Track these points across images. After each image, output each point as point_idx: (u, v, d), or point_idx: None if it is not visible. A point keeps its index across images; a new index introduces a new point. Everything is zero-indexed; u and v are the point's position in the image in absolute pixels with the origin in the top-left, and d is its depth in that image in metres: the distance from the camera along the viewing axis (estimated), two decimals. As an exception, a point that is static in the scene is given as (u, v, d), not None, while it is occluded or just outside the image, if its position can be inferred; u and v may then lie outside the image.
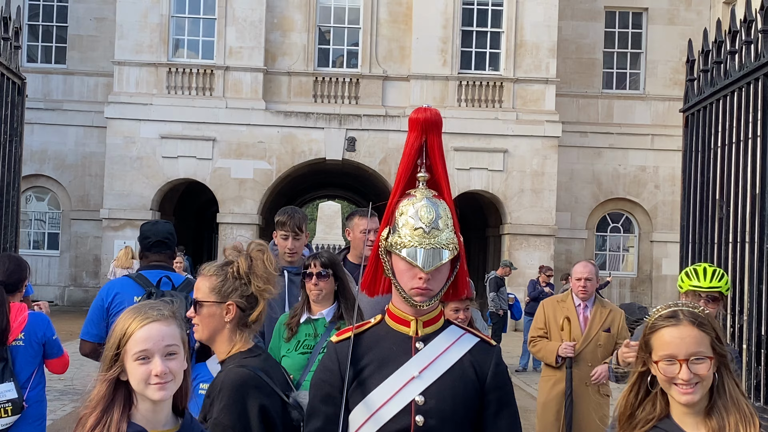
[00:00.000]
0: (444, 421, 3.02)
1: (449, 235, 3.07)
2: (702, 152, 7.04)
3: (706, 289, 5.19)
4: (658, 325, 2.80)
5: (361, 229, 6.57)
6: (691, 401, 2.73)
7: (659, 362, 2.76)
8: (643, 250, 29.60)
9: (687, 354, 2.72)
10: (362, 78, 27.25)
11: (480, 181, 26.84)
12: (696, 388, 2.72)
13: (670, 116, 27.91)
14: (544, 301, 8.07)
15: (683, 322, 2.76)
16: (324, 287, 5.50)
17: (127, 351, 2.72)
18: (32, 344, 6.11)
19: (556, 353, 7.41)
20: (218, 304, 3.52)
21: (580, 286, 7.50)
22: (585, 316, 7.53)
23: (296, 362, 5.49)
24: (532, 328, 7.96)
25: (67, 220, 28.98)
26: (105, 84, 28.16)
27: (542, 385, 7.73)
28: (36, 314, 6.28)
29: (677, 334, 2.75)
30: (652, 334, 2.81)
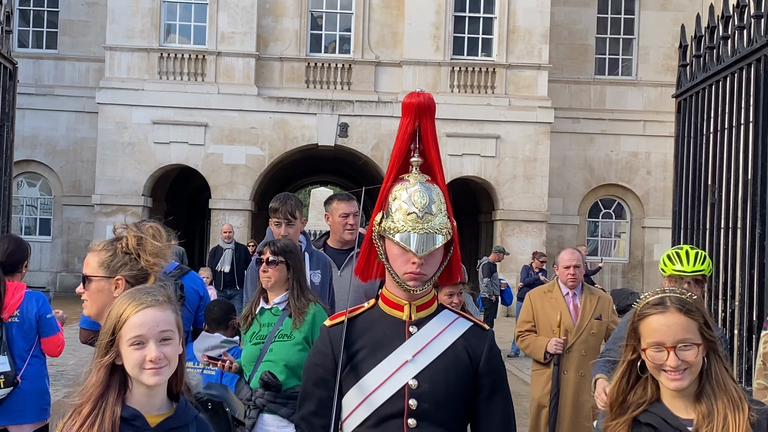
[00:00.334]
0: (437, 404, 3.03)
1: (442, 219, 3.07)
2: (694, 138, 7.04)
3: (690, 273, 5.19)
4: (645, 313, 2.81)
5: (340, 213, 6.54)
6: (679, 387, 2.75)
7: (647, 349, 2.78)
8: (635, 236, 29.66)
9: (674, 341, 2.73)
10: (355, 64, 27.19)
11: (472, 167, 26.84)
12: (684, 374, 2.73)
13: (662, 102, 27.94)
14: (530, 293, 7.74)
15: (670, 309, 2.77)
16: (273, 275, 5.42)
17: (122, 336, 2.73)
18: (27, 321, 6.27)
19: (544, 349, 7.19)
20: (107, 279, 3.47)
21: (569, 274, 7.29)
22: (575, 305, 7.32)
23: (248, 354, 5.44)
24: (519, 321, 7.72)
25: (59, 205, 28.91)
26: (96, 69, 28.05)
27: (536, 380, 7.48)
28: (32, 292, 6.43)
29: (664, 322, 2.76)
30: (640, 322, 2.82)
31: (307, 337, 5.27)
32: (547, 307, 7.33)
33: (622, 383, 2.89)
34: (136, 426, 2.75)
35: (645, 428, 2.82)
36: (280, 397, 5.22)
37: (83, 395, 2.76)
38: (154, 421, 2.79)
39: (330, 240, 6.73)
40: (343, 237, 6.60)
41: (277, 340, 5.33)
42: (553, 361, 7.18)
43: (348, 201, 6.69)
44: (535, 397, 7.37)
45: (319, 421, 3.07)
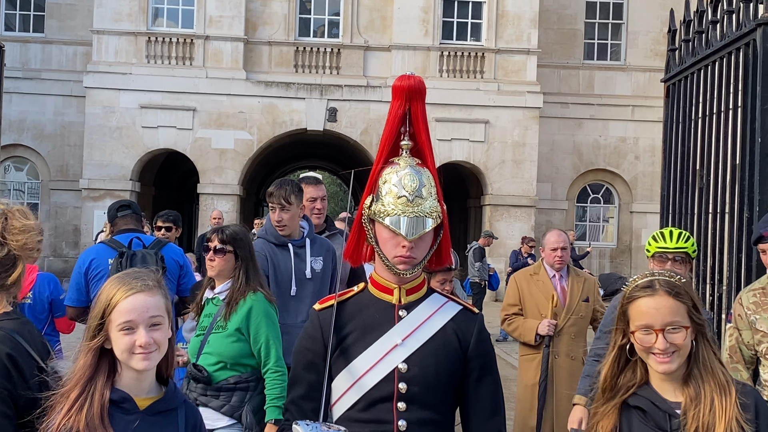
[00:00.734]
0: (427, 388, 3.03)
1: (433, 203, 3.07)
2: (683, 122, 7.05)
3: (673, 249, 5.19)
4: (634, 296, 2.82)
5: (308, 197, 6.43)
6: (668, 370, 2.75)
7: (636, 332, 2.78)
8: (623, 221, 29.74)
9: (663, 324, 2.74)
10: (343, 48, 27.12)
11: (461, 152, 26.84)
12: (673, 357, 2.74)
13: (650, 87, 27.96)
14: (515, 276, 7.49)
15: (659, 292, 2.78)
16: (219, 264, 5.18)
17: (112, 321, 2.73)
18: (39, 302, 6.66)
19: (535, 331, 6.99)
20: None
21: (557, 257, 7.09)
22: (562, 287, 7.13)
23: (192, 346, 5.31)
24: (504, 305, 7.45)
25: (47, 190, 28.80)
26: (84, 53, 27.90)
27: (526, 365, 7.25)
28: (44, 275, 6.83)
29: (653, 304, 2.76)
30: (629, 304, 2.83)
31: (241, 328, 5.07)
32: (534, 290, 7.16)
33: (612, 367, 2.89)
34: (125, 408, 2.76)
35: (634, 411, 2.83)
36: (210, 390, 5.08)
37: (71, 379, 2.75)
38: (143, 404, 2.79)
39: None
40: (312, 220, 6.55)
41: (214, 331, 5.15)
42: (545, 342, 6.99)
43: (315, 185, 6.61)
44: (527, 384, 7.15)
45: (308, 404, 3.07)
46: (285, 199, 5.96)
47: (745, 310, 4.82)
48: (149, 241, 6.62)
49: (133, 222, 6.72)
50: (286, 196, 5.96)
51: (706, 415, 2.70)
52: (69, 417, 2.68)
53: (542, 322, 6.95)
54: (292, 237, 6.08)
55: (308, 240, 6.11)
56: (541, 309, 7.06)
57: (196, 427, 2.93)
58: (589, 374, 5.84)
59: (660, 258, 5.22)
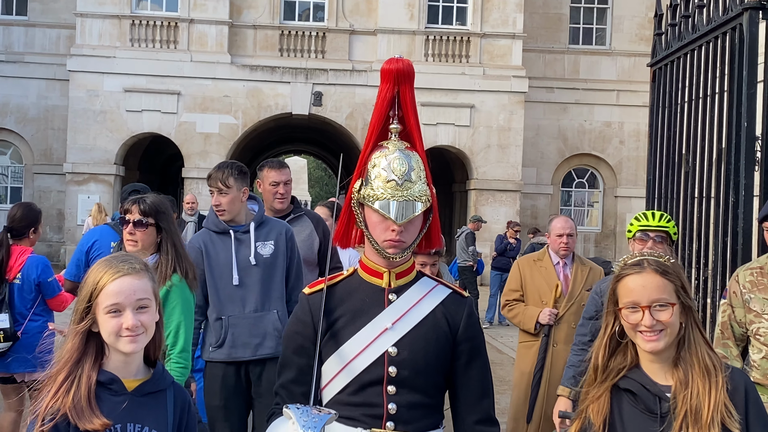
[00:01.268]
0: (417, 371, 3.04)
1: (422, 187, 3.07)
2: (669, 106, 7.06)
3: (654, 227, 5.20)
4: (623, 274, 2.82)
5: (270, 181, 6.37)
6: (655, 348, 2.75)
7: (623, 309, 2.79)
8: (608, 206, 29.85)
9: (649, 300, 2.74)
10: (329, 32, 27.04)
11: (447, 137, 26.84)
12: (660, 335, 2.73)
13: (635, 72, 28.02)
14: (519, 261, 7.29)
15: (647, 270, 2.78)
16: (141, 238, 4.73)
17: (99, 304, 2.74)
18: (27, 284, 6.92)
19: (535, 320, 6.81)
20: None
21: (562, 243, 6.88)
22: (565, 275, 6.94)
23: None
24: (506, 290, 7.24)
25: (30, 174, 28.65)
26: (67, 36, 27.73)
27: (524, 352, 7.05)
28: (35, 257, 7.03)
29: (640, 281, 2.77)
30: (618, 283, 2.83)
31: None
32: (536, 277, 6.97)
33: (602, 349, 2.89)
34: (112, 390, 2.77)
35: (624, 394, 2.83)
36: None
37: (59, 362, 2.76)
38: (131, 386, 2.81)
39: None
40: (273, 206, 6.43)
41: None
42: (543, 332, 6.83)
43: (279, 169, 6.48)
44: (524, 371, 6.99)
45: (298, 388, 3.07)
46: (223, 182, 5.62)
47: (741, 288, 4.84)
48: None
49: None
50: (224, 178, 5.62)
51: (695, 398, 2.69)
52: (56, 399, 2.69)
53: (543, 310, 6.80)
54: (237, 222, 5.71)
55: (252, 224, 5.72)
56: (543, 296, 6.90)
57: (185, 408, 2.94)
58: (573, 364, 5.81)
59: (641, 238, 5.24)
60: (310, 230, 6.60)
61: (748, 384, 2.80)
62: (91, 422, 2.68)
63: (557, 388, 6.32)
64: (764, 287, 4.77)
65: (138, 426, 2.78)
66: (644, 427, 2.77)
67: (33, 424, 2.70)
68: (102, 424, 2.69)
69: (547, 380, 6.81)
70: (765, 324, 4.73)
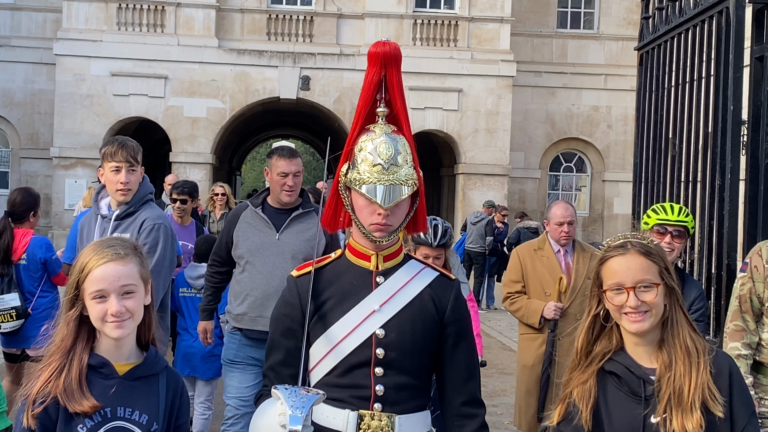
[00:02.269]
0: (404, 353, 3.06)
1: (408, 171, 3.08)
2: (656, 90, 7.07)
3: (674, 222, 5.19)
4: (607, 256, 2.84)
5: (279, 171, 5.86)
6: (640, 329, 2.75)
7: (608, 291, 2.80)
8: (595, 190, 29.91)
9: (634, 281, 2.75)
10: (316, 16, 26.96)
11: (435, 121, 26.83)
12: (645, 316, 2.74)
13: (623, 56, 28.03)
14: (518, 250, 6.96)
15: (631, 251, 2.79)
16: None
17: (85, 290, 2.75)
18: (33, 263, 7.36)
19: (540, 314, 6.52)
20: None
21: (563, 232, 6.60)
22: (566, 263, 6.67)
23: None
24: (506, 281, 6.97)
25: (17, 158, 28.52)
26: (54, 20, 27.55)
27: (526, 344, 6.78)
28: (38, 238, 7.49)
29: (624, 263, 2.78)
30: (602, 266, 2.85)
31: None
32: (537, 266, 6.68)
33: (587, 334, 2.90)
34: (103, 373, 2.78)
35: (609, 377, 2.84)
36: None
37: (53, 349, 2.78)
38: (123, 369, 2.81)
39: (270, 198, 6.04)
40: (280, 198, 5.94)
41: None
42: (548, 327, 6.54)
43: (290, 158, 5.92)
44: (526, 364, 6.71)
45: (286, 370, 3.09)
46: (133, 157, 5.23)
47: (764, 262, 4.83)
48: None
49: None
50: (134, 154, 5.24)
51: (678, 380, 2.71)
52: (48, 383, 2.70)
53: (548, 305, 6.50)
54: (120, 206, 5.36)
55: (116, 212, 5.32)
56: (545, 287, 6.63)
57: (177, 392, 2.94)
58: None
59: (659, 231, 5.23)
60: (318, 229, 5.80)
61: (732, 367, 2.81)
62: (80, 404, 2.69)
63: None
64: None
65: (129, 410, 2.78)
66: (629, 410, 2.78)
67: (23, 407, 2.71)
68: (91, 406, 2.70)
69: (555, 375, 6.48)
70: None
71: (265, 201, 6.03)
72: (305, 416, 2.68)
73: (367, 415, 3.02)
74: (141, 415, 2.79)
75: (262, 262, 5.83)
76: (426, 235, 5.22)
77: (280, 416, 2.72)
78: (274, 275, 5.70)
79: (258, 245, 5.87)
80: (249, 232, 5.92)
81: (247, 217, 6.00)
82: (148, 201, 5.44)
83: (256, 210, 5.97)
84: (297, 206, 6.00)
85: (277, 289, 5.24)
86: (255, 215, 5.97)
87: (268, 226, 5.89)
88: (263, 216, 5.93)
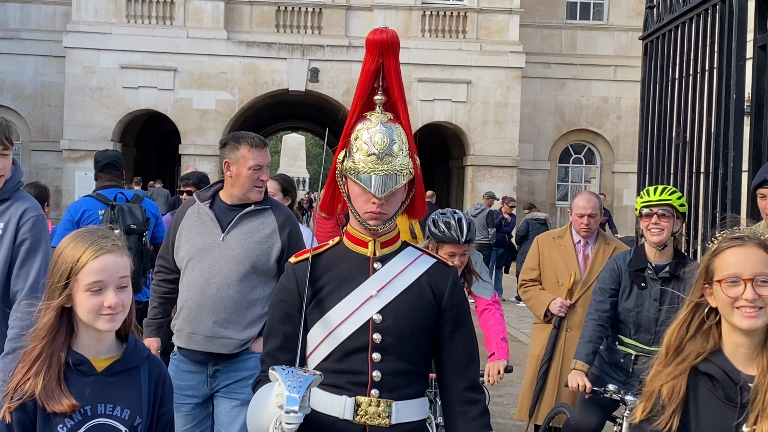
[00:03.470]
0: (401, 338, 3.07)
1: (404, 160, 3.08)
2: (660, 80, 7.06)
3: (656, 201, 5.19)
4: (722, 248, 2.65)
5: (253, 165, 4.84)
6: (753, 325, 2.56)
7: (722, 282, 2.60)
8: (605, 181, 29.84)
9: (752, 273, 2.57)
10: (325, 7, 26.96)
11: (443, 113, 26.82)
12: (760, 312, 2.56)
13: (633, 47, 27.92)
14: (539, 238, 6.88)
15: (749, 243, 2.62)
16: None
17: (79, 281, 2.68)
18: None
19: (546, 308, 6.51)
20: None
21: (583, 224, 6.45)
22: (585, 255, 6.55)
23: None
24: (524, 268, 6.90)
25: (27, 151, 28.61)
26: (63, 12, 27.62)
27: (535, 334, 6.81)
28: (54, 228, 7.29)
29: (743, 254, 2.60)
30: (715, 257, 2.65)
31: None
32: (554, 255, 6.60)
33: (682, 329, 2.71)
34: (82, 371, 2.73)
35: (702, 378, 2.66)
36: None
37: (34, 338, 2.72)
38: (101, 365, 2.76)
39: (223, 192, 5.00)
40: (249, 196, 4.91)
41: None
42: (554, 323, 6.51)
43: (263, 148, 4.95)
44: (533, 354, 6.74)
45: (284, 356, 3.10)
46: (8, 139, 4.41)
47: None
48: (130, 195, 7.22)
49: (116, 179, 7.26)
50: (8, 135, 4.42)
51: None
52: (27, 378, 2.66)
53: (555, 300, 6.48)
54: None
55: None
56: (559, 276, 6.56)
57: (160, 381, 2.91)
58: (591, 339, 5.44)
59: (647, 214, 5.24)
60: (272, 230, 4.90)
61: None
62: (60, 404, 2.64)
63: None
64: None
65: (110, 406, 2.74)
66: (721, 416, 2.61)
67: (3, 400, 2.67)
68: (70, 405, 2.65)
69: (559, 368, 6.47)
70: None
71: (216, 195, 5.02)
72: (302, 397, 2.71)
73: (364, 401, 3.04)
74: (123, 410, 2.76)
75: (202, 267, 4.83)
76: (450, 231, 5.11)
77: (278, 397, 2.74)
78: (211, 283, 4.78)
79: (200, 247, 4.87)
80: (193, 231, 4.93)
81: (193, 214, 4.99)
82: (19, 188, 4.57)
83: (203, 205, 4.95)
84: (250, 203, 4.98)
85: (214, 300, 4.73)
86: (202, 212, 4.96)
87: (214, 224, 4.89)
88: (209, 213, 4.91)
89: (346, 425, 3.04)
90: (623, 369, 5.42)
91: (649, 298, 5.30)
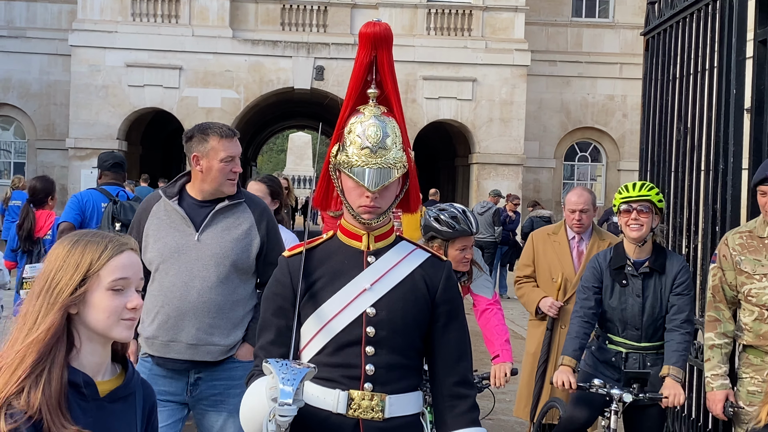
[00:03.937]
0: (394, 332, 3.07)
1: (397, 153, 3.07)
2: (662, 75, 7.05)
3: (636, 197, 5.20)
4: None
5: (224, 156, 4.47)
6: None
7: None
8: (611, 179, 29.80)
9: None
10: (330, 6, 26.97)
11: (449, 111, 26.80)
12: None
13: (638, 44, 27.73)
14: (533, 234, 6.84)
15: None
16: None
17: (101, 278, 2.30)
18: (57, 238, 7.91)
19: (536, 305, 6.51)
20: None
21: (575, 220, 6.40)
22: (579, 251, 6.50)
23: None
24: (519, 264, 6.91)
25: (33, 149, 28.69)
26: (69, 11, 27.68)
27: (531, 331, 6.80)
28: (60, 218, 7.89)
29: None
30: None
31: None
32: (548, 251, 6.56)
33: None
34: (84, 394, 2.32)
35: None
36: None
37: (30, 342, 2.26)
38: (103, 389, 2.39)
39: (191, 187, 4.62)
40: (223, 189, 4.56)
41: None
42: (547, 325, 6.49)
43: (232, 138, 4.57)
44: (529, 351, 6.72)
45: (277, 350, 3.09)
46: None
47: (731, 251, 4.89)
48: (131, 196, 7.58)
49: (119, 178, 7.71)
50: None
51: None
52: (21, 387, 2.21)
53: (545, 299, 6.45)
54: None
55: None
56: (553, 272, 6.50)
57: (154, 407, 2.60)
58: (578, 335, 5.38)
59: (626, 209, 5.26)
60: (249, 225, 4.62)
61: None
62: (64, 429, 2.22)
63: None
64: (754, 249, 4.83)
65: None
66: None
67: None
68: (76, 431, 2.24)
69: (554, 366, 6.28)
70: (756, 285, 4.79)
71: (184, 190, 4.64)
72: (296, 389, 2.70)
73: (357, 394, 3.03)
74: None
75: (178, 269, 4.49)
76: (461, 224, 5.06)
77: (271, 390, 2.74)
78: (191, 287, 4.46)
79: (173, 248, 4.51)
80: (162, 231, 4.56)
81: (160, 211, 4.61)
82: None
83: (171, 202, 4.58)
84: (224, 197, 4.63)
85: (195, 305, 4.45)
86: (170, 209, 4.59)
87: (186, 223, 4.54)
88: (179, 210, 4.55)
89: (339, 419, 3.04)
90: (615, 367, 5.42)
91: (632, 295, 5.30)
